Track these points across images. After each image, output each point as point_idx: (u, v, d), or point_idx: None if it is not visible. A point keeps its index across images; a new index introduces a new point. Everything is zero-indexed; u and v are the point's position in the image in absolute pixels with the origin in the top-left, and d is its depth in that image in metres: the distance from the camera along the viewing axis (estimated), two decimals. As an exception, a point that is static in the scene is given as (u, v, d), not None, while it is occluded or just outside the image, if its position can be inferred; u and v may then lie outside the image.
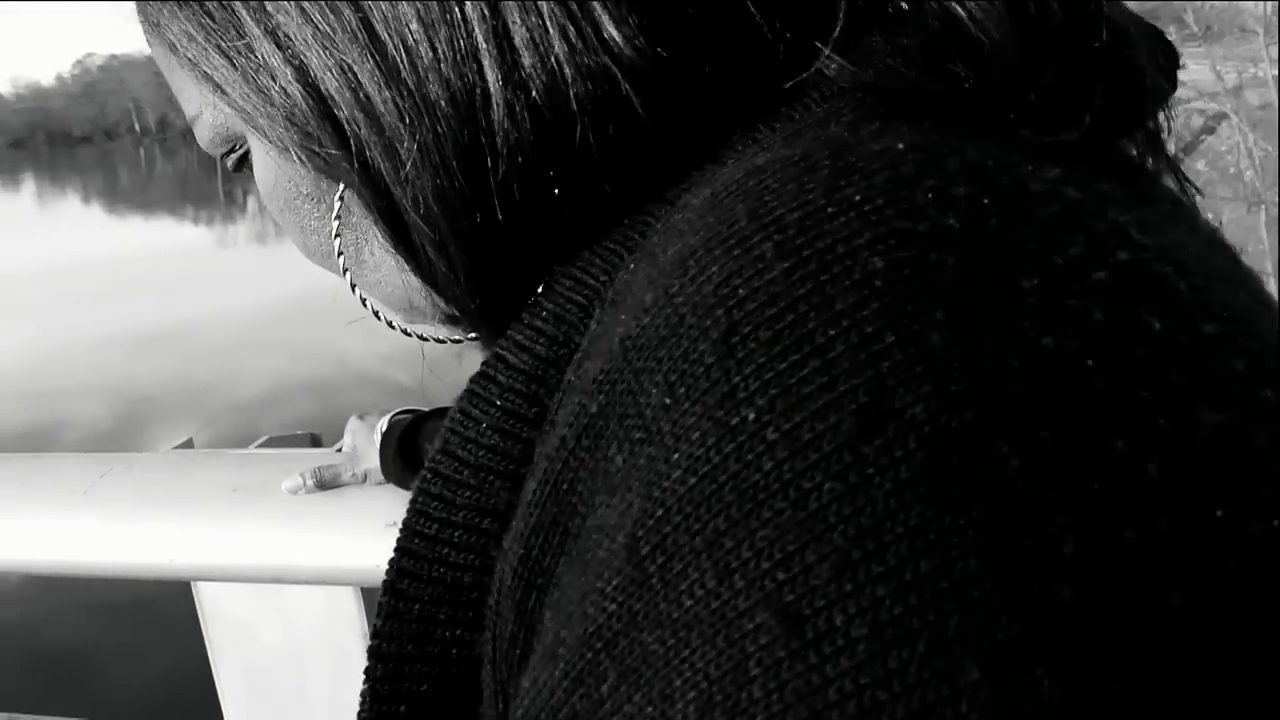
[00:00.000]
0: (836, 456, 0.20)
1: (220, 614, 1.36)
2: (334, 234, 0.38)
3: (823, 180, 0.24)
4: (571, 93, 0.30)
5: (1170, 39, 0.34)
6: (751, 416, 0.21)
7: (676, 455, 0.22)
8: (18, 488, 0.94)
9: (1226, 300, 0.24)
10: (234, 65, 0.34)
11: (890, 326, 0.21)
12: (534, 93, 0.30)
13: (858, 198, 0.23)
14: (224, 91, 0.35)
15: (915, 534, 0.19)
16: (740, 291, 0.23)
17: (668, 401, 0.23)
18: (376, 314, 0.41)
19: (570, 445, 0.26)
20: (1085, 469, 0.20)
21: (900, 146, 0.24)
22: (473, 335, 0.39)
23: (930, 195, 0.23)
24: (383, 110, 0.31)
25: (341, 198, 0.37)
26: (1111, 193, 0.26)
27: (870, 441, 0.20)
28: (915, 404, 0.20)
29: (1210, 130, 7.57)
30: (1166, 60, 0.34)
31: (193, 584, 1.34)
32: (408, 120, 0.31)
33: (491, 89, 0.30)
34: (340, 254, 0.38)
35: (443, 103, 0.31)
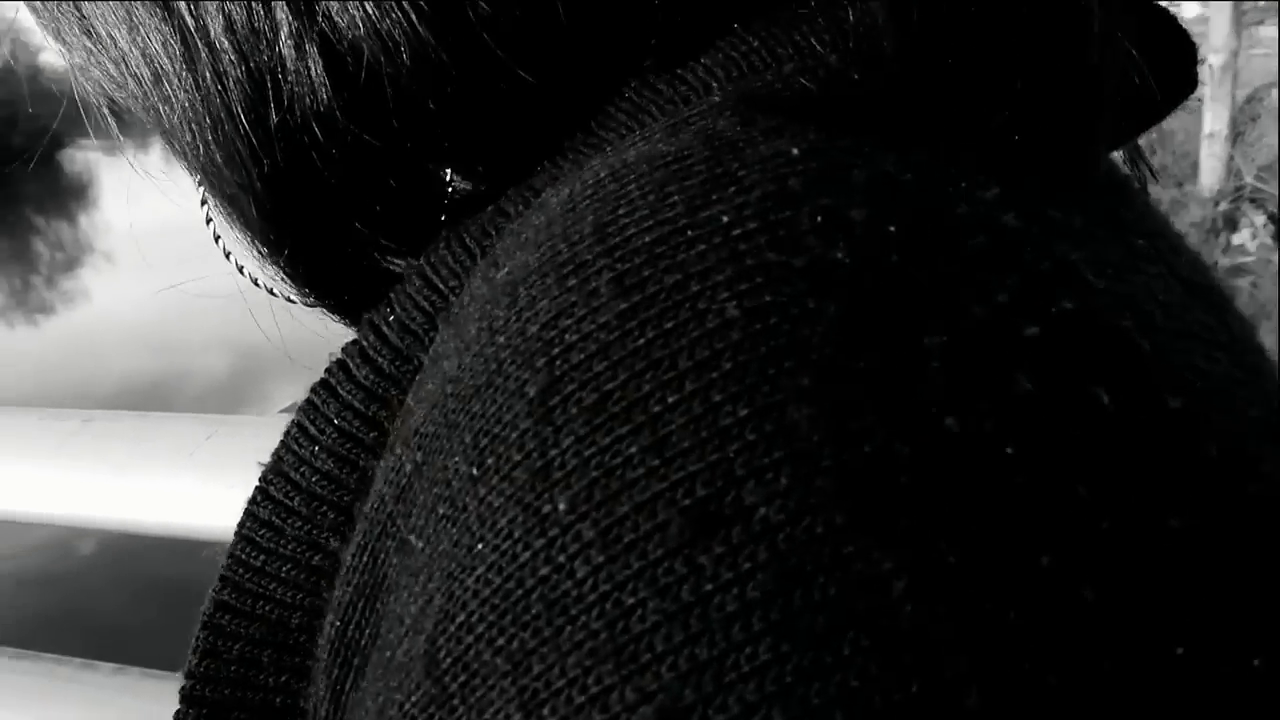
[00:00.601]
0: (664, 566, 0.16)
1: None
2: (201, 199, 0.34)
3: (690, 192, 0.19)
4: (364, 30, 0.25)
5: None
6: (564, 506, 0.17)
7: (481, 546, 0.18)
8: (130, 444, 0.96)
9: (1201, 366, 0.19)
10: (59, 22, 0.31)
11: (742, 396, 0.16)
12: (321, 19, 0.25)
13: (726, 219, 0.18)
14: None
15: (764, 674, 0.15)
16: (568, 337, 0.18)
17: (475, 472, 0.19)
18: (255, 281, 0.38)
19: (388, 508, 0.22)
20: (996, 594, 0.15)
21: (794, 151, 0.19)
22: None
23: (819, 219, 0.18)
24: (155, 49, 0.28)
25: None
26: (1065, 221, 0.21)
27: (708, 549, 0.16)
28: (768, 501, 0.16)
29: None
30: (1173, 54, 0.28)
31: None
32: (180, 55, 0.27)
33: (279, 18, 0.26)
34: (210, 221, 0.35)
35: (222, 38, 0.26)
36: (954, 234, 0.18)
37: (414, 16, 0.24)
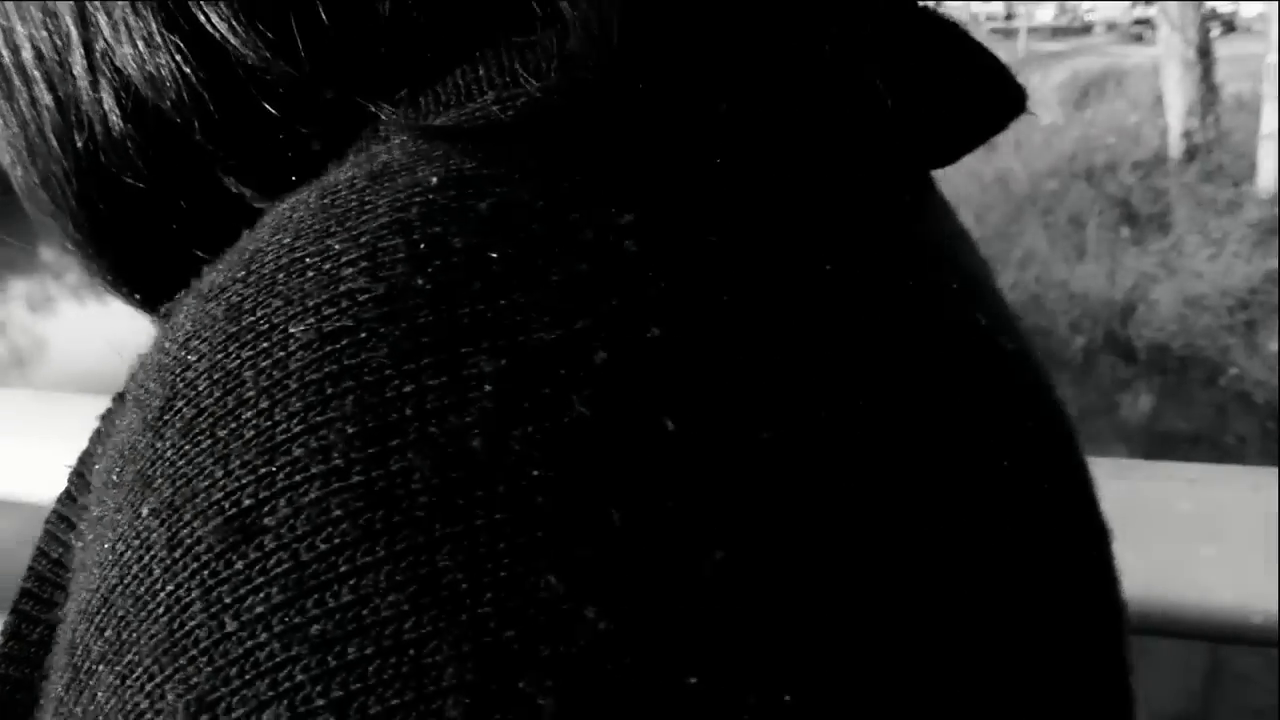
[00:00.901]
0: (207, 571, 0.17)
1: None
2: None
3: (328, 220, 0.20)
4: (135, 67, 0.26)
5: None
6: (147, 511, 0.18)
7: (106, 545, 0.19)
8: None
9: (849, 402, 0.20)
10: None
11: (296, 415, 0.18)
12: (100, 56, 0.26)
13: (337, 247, 0.19)
14: None
15: (277, 672, 0.16)
16: (189, 357, 0.20)
17: (113, 479, 0.20)
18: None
19: (95, 511, 0.23)
20: (497, 613, 0.16)
21: (432, 181, 0.20)
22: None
23: (420, 247, 0.19)
24: None
25: None
26: (722, 247, 0.20)
27: (244, 554, 0.17)
28: (296, 514, 0.17)
29: None
30: (981, 76, 0.27)
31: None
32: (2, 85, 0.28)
33: (73, 51, 0.27)
34: None
35: (33, 68, 0.27)
36: (557, 260, 0.19)
37: (179, 58, 0.25)
